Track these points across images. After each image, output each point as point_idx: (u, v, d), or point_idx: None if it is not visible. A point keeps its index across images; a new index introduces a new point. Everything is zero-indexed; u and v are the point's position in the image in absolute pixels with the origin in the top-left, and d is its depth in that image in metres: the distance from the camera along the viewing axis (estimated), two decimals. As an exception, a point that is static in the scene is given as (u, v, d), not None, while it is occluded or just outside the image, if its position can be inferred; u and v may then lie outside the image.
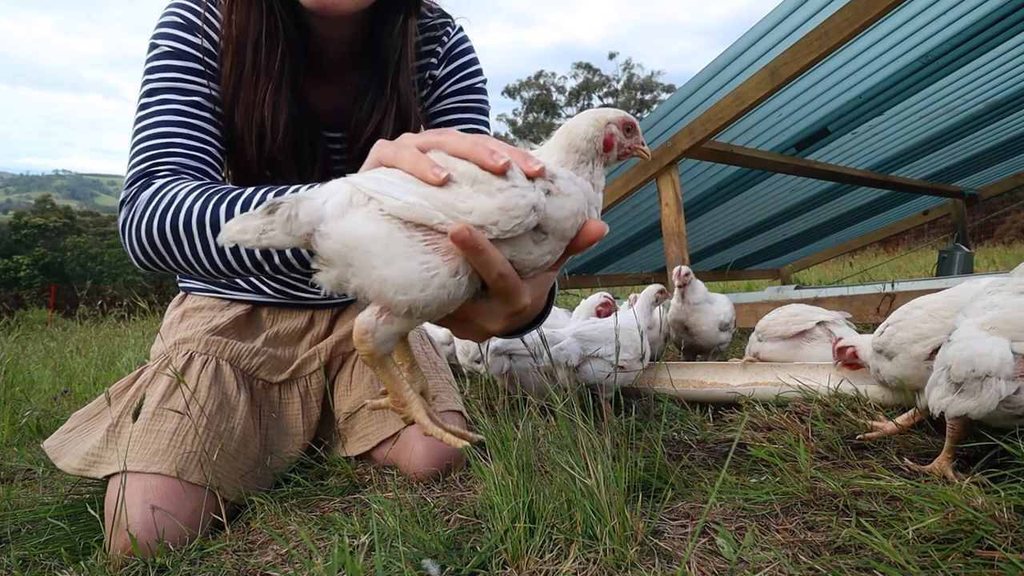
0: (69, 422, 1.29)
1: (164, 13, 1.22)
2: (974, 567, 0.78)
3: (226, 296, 1.48)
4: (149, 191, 1.05)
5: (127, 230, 1.05)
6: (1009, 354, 0.99)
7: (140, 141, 1.13)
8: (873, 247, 8.78)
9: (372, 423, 1.43)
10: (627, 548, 0.86)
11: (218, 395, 1.28)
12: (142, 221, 1.03)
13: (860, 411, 1.50)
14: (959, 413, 1.03)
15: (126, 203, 1.08)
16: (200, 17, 1.20)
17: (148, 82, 1.17)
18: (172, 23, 1.19)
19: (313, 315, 1.55)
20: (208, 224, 0.97)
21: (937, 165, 4.79)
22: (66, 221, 41.69)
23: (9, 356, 3.26)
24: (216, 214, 0.97)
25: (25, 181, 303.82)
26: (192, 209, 0.99)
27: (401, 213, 0.72)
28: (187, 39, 1.19)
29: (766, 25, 2.80)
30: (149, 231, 1.01)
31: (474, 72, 1.41)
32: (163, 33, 1.19)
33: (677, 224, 3.01)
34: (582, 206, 0.78)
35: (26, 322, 8.67)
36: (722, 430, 1.54)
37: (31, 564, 1.01)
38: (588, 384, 1.68)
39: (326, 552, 0.96)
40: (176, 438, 1.16)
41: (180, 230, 0.99)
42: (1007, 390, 0.98)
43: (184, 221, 0.99)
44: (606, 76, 33.87)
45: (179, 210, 1.00)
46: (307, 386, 1.47)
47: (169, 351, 1.33)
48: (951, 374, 1.02)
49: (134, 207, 1.05)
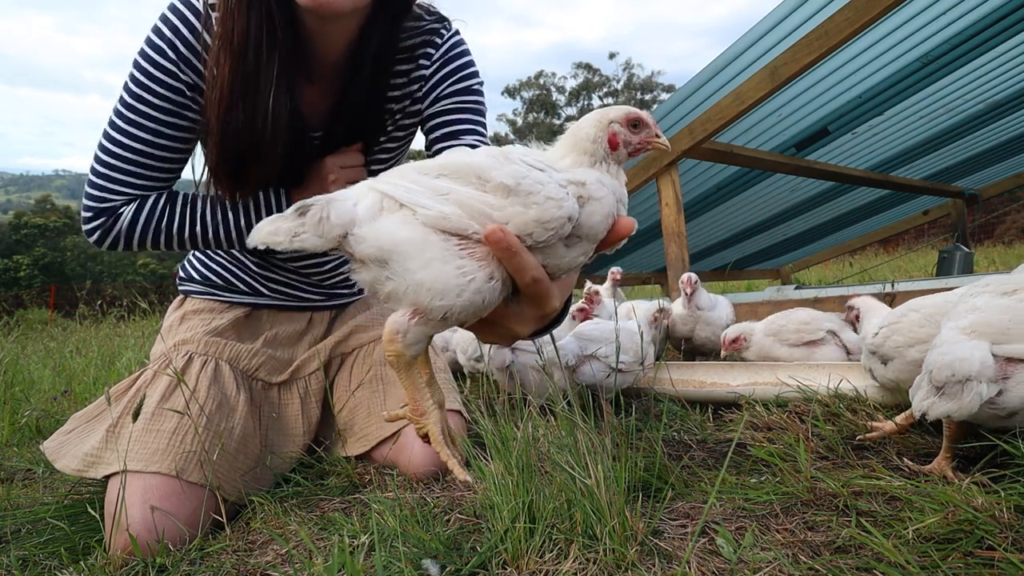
0: (68, 424, 1.29)
1: (152, 27, 1.21)
2: (974, 567, 0.78)
3: (225, 299, 1.49)
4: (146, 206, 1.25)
5: (105, 239, 1.25)
6: (989, 357, 1.00)
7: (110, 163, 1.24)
8: (873, 247, 8.77)
9: (372, 423, 1.43)
10: (627, 548, 0.86)
11: (217, 395, 1.28)
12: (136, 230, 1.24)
13: (860, 411, 1.50)
14: (940, 415, 1.04)
15: (100, 219, 1.24)
16: (179, 32, 1.19)
17: (126, 104, 1.21)
18: (151, 43, 1.19)
19: (312, 317, 1.56)
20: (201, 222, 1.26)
21: (937, 165, 4.79)
22: (66, 221, 41.68)
23: (9, 356, 3.26)
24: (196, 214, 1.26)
25: (25, 181, 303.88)
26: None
27: (436, 223, 0.72)
28: (161, 63, 1.19)
29: (766, 25, 2.80)
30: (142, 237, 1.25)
31: (471, 74, 1.41)
32: (141, 53, 1.20)
33: (677, 224, 3.01)
34: (612, 207, 0.78)
35: (26, 322, 8.67)
36: (722, 430, 1.54)
37: (31, 564, 1.01)
38: (586, 385, 1.67)
39: (326, 552, 0.96)
40: (176, 438, 1.16)
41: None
42: (988, 392, 0.99)
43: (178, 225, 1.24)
44: (606, 76, 33.88)
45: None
46: (307, 387, 1.47)
47: (169, 352, 1.33)
48: (932, 378, 1.03)
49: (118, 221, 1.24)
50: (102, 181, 1.22)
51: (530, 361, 1.73)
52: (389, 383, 1.48)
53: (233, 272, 1.50)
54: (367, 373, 1.50)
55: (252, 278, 1.50)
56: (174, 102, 1.20)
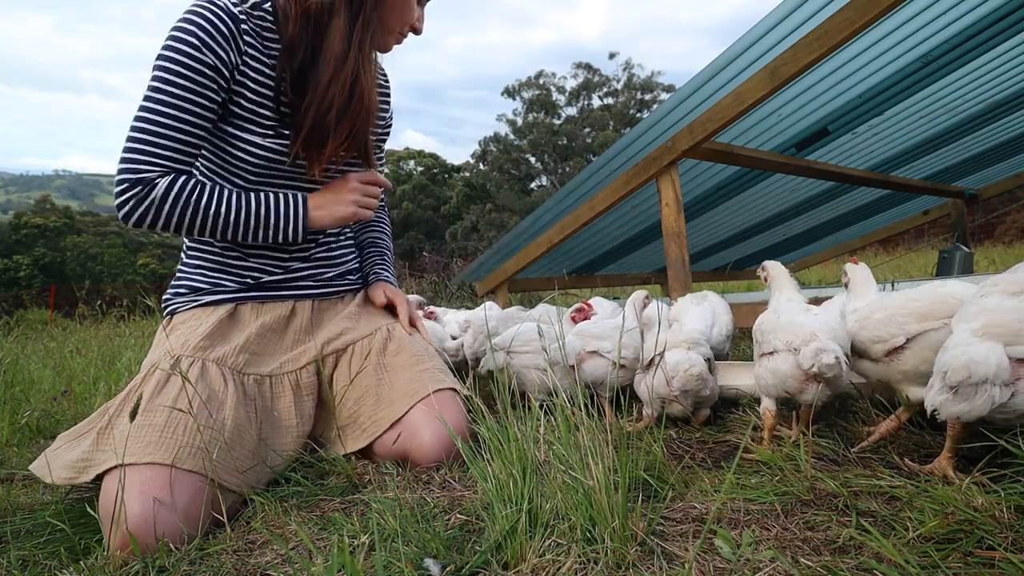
0: (56, 442, 1.30)
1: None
2: (974, 567, 0.78)
3: (208, 302, 1.50)
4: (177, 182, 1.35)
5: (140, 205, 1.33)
6: (1005, 360, 0.99)
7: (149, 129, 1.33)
8: (873, 247, 8.77)
9: (381, 408, 1.44)
10: (627, 548, 0.86)
11: (205, 390, 1.29)
12: (168, 204, 1.34)
13: (859, 412, 1.50)
14: (952, 415, 1.04)
15: (138, 185, 1.32)
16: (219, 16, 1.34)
17: (164, 79, 1.32)
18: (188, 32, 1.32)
19: (295, 305, 1.57)
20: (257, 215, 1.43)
21: (937, 165, 4.79)
22: (66, 221, 41.69)
23: (9, 356, 3.26)
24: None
25: (25, 181, 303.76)
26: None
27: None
28: (202, 57, 1.32)
29: (766, 25, 2.79)
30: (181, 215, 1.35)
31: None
32: (176, 40, 1.32)
33: (677, 224, 3.01)
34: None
35: (26, 322, 8.66)
36: (722, 430, 1.54)
37: (31, 564, 1.01)
38: (587, 383, 1.68)
39: (326, 552, 0.96)
40: (167, 430, 1.17)
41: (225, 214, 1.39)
42: (1001, 396, 0.99)
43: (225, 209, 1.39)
44: (606, 76, 33.70)
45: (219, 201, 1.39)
46: (298, 379, 1.48)
47: (157, 360, 1.34)
48: (947, 379, 1.02)
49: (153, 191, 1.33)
50: (138, 154, 1.31)
51: (527, 361, 1.74)
52: (393, 370, 1.50)
53: (225, 267, 1.52)
54: (369, 362, 1.52)
55: (244, 271, 1.53)
56: (210, 77, 1.34)
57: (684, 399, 1.52)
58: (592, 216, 3.62)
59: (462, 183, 34.58)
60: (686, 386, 1.47)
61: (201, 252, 1.53)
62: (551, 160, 32.25)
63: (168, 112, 1.31)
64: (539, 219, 4.38)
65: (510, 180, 32.28)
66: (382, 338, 1.57)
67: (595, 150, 30.25)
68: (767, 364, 1.34)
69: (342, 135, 1.44)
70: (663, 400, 1.54)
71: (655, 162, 3.08)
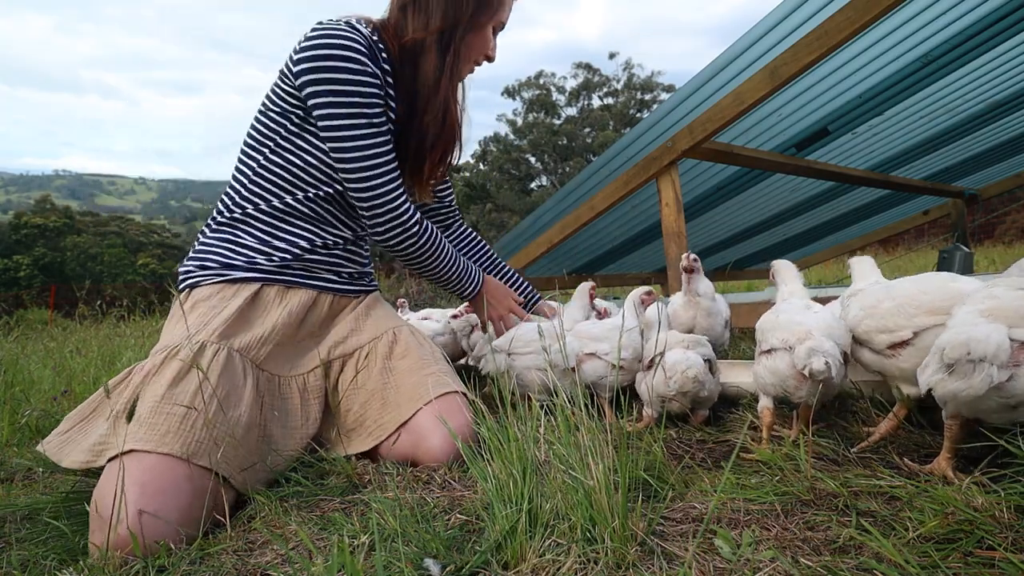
0: (63, 424, 1.30)
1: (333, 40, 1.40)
2: (974, 567, 0.78)
3: (237, 278, 1.47)
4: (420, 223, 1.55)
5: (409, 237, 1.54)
6: (1006, 341, 0.97)
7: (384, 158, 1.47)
8: (873, 247, 8.75)
9: (388, 412, 1.45)
10: (627, 548, 0.86)
11: (227, 383, 1.29)
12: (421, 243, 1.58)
13: (859, 412, 1.50)
14: (947, 393, 1.02)
15: (410, 218, 1.52)
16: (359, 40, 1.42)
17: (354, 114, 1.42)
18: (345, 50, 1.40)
19: (317, 296, 1.57)
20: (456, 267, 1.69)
21: (937, 165, 4.79)
22: (66, 221, 41.68)
23: (9, 356, 3.26)
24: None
25: (25, 181, 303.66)
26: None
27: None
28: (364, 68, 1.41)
29: (766, 25, 2.79)
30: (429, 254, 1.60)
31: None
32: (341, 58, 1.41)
33: (677, 224, 3.01)
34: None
35: (26, 322, 8.66)
36: (722, 430, 1.54)
37: (31, 564, 1.01)
38: (586, 383, 1.68)
39: (326, 552, 0.96)
40: (187, 423, 1.17)
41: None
42: (999, 377, 0.96)
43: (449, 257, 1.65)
44: (606, 76, 33.74)
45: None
46: (305, 383, 1.48)
47: (177, 343, 1.32)
48: (945, 355, 1.00)
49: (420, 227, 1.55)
50: (387, 173, 1.46)
51: (527, 363, 1.73)
52: (399, 373, 1.50)
53: (277, 231, 1.53)
54: (375, 368, 1.52)
55: (295, 236, 1.54)
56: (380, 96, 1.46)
57: (683, 399, 1.52)
58: (592, 216, 3.62)
59: (462, 183, 34.58)
60: (683, 387, 1.47)
61: (251, 220, 1.51)
62: (551, 160, 32.25)
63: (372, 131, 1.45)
64: (539, 219, 4.39)
65: (510, 180, 32.28)
66: (388, 342, 1.57)
67: (595, 150, 30.25)
68: (766, 362, 1.34)
69: (435, 158, 1.59)
70: (663, 400, 1.54)
71: (655, 162, 3.08)
